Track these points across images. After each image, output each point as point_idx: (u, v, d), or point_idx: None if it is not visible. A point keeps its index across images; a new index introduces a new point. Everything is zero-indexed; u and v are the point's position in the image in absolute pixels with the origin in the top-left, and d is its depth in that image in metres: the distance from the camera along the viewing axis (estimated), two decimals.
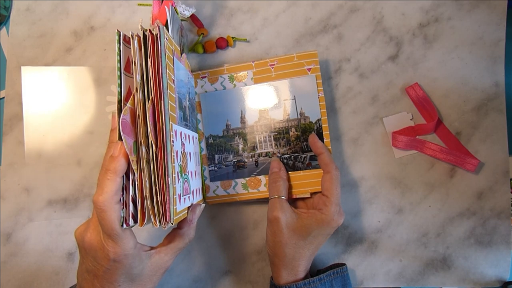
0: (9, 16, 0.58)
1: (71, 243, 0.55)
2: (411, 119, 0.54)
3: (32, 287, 0.54)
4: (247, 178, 0.52)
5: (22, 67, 0.55)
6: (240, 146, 0.52)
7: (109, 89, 0.56)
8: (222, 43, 0.55)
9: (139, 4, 0.55)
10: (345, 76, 0.55)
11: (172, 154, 0.37)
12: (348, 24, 0.56)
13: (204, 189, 0.52)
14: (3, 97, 0.57)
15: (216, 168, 0.52)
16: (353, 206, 0.54)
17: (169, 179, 0.36)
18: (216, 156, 0.52)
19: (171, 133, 0.37)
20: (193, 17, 0.55)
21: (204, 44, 0.56)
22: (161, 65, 0.37)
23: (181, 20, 0.55)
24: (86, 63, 0.57)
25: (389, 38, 0.55)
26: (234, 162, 0.52)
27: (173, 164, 0.37)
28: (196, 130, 0.51)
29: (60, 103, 0.56)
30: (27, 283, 0.54)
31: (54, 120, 0.56)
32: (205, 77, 0.53)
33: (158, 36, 0.37)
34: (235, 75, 0.53)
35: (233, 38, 0.56)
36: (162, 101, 0.37)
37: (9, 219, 0.55)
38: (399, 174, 0.53)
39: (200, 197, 0.50)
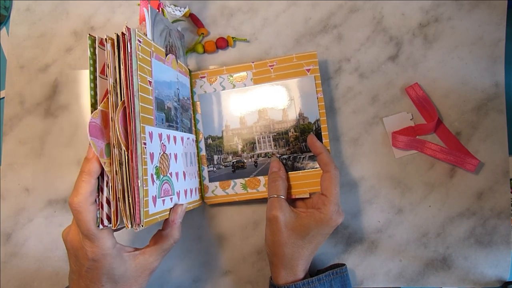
0: (9, 16, 0.58)
1: None
2: (411, 119, 0.54)
3: (32, 287, 0.54)
4: (246, 179, 0.52)
5: None
6: (239, 147, 0.52)
7: None
8: (222, 43, 0.55)
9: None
10: (345, 76, 0.55)
11: (144, 156, 0.37)
12: (348, 24, 0.56)
13: (203, 189, 0.52)
14: (3, 97, 0.57)
15: (215, 169, 0.52)
16: (353, 206, 0.53)
17: (138, 181, 0.36)
18: (215, 157, 0.52)
19: (142, 135, 0.37)
20: (193, 17, 0.55)
21: (204, 44, 0.56)
22: (131, 67, 0.37)
23: (177, 20, 0.54)
24: (86, 63, 0.57)
25: (389, 38, 0.55)
26: (233, 162, 0.52)
27: (144, 167, 0.37)
28: (190, 130, 0.51)
29: (61, 102, 0.56)
30: (27, 283, 0.54)
31: (54, 119, 0.56)
32: (204, 77, 0.53)
33: (128, 38, 0.37)
34: (234, 75, 0.53)
35: (233, 38, 0.56)
36: (133, 104, 0.37)
37: (9, 219, 0.55)
38: (399, 174, 0.53)
39: (197, 197, 0.50)
